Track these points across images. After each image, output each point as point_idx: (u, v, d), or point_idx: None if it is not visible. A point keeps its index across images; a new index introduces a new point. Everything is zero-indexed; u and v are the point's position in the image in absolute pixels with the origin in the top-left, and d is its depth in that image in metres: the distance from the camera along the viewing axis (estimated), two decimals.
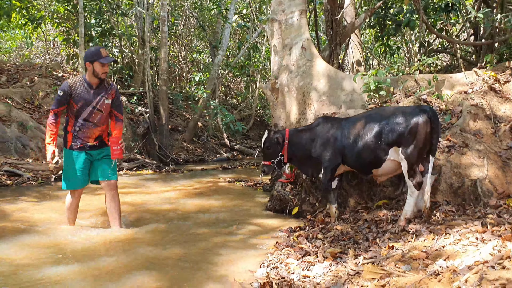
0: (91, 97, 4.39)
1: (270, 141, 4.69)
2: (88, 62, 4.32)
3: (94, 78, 4.37)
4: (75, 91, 4.33)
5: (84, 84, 4.38)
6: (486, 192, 4.11)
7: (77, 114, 4.39)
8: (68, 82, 4.37)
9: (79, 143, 4.47)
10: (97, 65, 4.29)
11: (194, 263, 3.63)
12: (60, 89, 4.33)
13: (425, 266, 2.81)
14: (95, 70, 4.32)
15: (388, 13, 9.30)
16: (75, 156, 4.48)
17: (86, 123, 4.43)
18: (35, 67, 12.49)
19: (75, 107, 4.35)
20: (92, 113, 4.42)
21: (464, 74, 5.48)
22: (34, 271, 3.41)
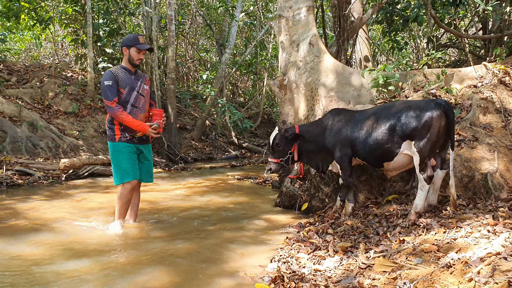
0: (133, 82, 4.43)
1: (280, 138, 4.63)
2: (125, 47, 4.40)
3: (129, 64, 4.44)
4: (120, 77, 4.35)
5: (124, 70, 4.42)
6: (496, 186, 4.09)
7: (125, 100, 4.37)
8: (111, 70, 4.37)
9: (128, 134, 4.43)
10: (133, 50, 4.38)
11: (205, 258, 3.65)
12: (106, 80, 4.29)
13: (436, 259, 2.80)
14: (131, 56, 4.39)
15: (395, 8, 9.26)
16: (125, 147, 4.43)
17: (134, 109, 4.41)
18: (44, 67, 12.59)
19: (122, 92, 4.34)
20: (138, 98, 4.45)
21: (474, 68, 5.44)
22: (48, 267, 3.46)
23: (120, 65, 4.48)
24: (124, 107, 4.36)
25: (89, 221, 4.95)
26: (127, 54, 4.41)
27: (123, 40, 4.46)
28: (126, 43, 4.39)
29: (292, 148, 4.63)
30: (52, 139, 9.56)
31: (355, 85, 5.79)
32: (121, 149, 4.41)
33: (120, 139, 4.41)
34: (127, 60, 4.44)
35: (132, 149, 4.46)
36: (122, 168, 4.41)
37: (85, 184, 7.86)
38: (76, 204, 5.89)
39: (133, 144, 4.47)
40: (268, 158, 4.76)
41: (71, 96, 11.20)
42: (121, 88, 4.34)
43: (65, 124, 10.40)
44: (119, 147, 4.41)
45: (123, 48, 4.42)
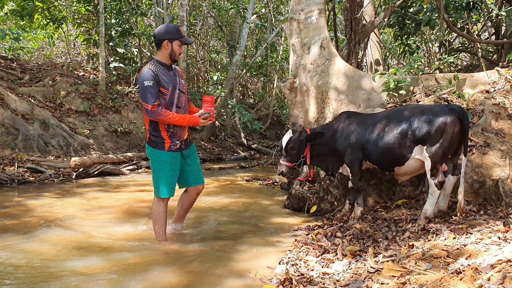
0: (173, 79, 3.92)
1: (295, 141, 4.52)
2: (166, 40, 3.83)
3: (168, 59, 3.91)
4: (161, 76, 3.82)
5: (162, 66, 3.88)
6: (508, 192, 4.07)
7: (170, 102, 3.87)
8: (150, 68, 3.80)
9: (177, 141, 3.97)
10: (177, 43, 3.87)
11: (214, 258, 3.67)
12: (146, 80, 3.73)
13: (446, 265, 2.79)
14: (174, 50, 3.87)
15: (408, 12, 9.23)
16: (173, 158, 3.97)
17: (178, 111, 3.93)
18: (56, 66, 12.71)
19: (166, 93, 3.82)
20: (180, 97, 3.96)
21: (486, 73, 5.41)
22: (59, 263, 3.50)
23: (156, 60, 3.90)
24: (169, 109, 3.86)
25: (99, 219, 4.99)
26: (168, 48, 3.85)
27: (161, 31, 3.86)
28: (170, 35, 3.83)
29: (304, 152, 4.59)
30: (64, 137, 9.65)
31: (366, 89, 5.77)
32: (169, 160, 3.95)
33: (170, 149, 3.93)
34: (168, 55, 3.88)
35: (177, 160, 4.02)
36: (167, 182, 3.97)
37: (95, 182, 7.93)
38: (87, 202, 5.94)
39: (180, 152, 4.03)
40: (280, 160, 4.65)
41: (83, 95, 11.30)
42: (164, 89, 3.81)
43: (76, 123, 10.49)
44: (168, 157, 3.94)
45: (164, 41, 3.83)
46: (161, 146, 3.92)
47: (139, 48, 14.07)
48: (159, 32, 3.88)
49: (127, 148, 10.94)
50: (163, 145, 3.92)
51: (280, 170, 4.60)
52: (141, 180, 8.24)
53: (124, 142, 11.06)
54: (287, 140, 4.56)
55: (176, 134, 3.96)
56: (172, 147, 3.95)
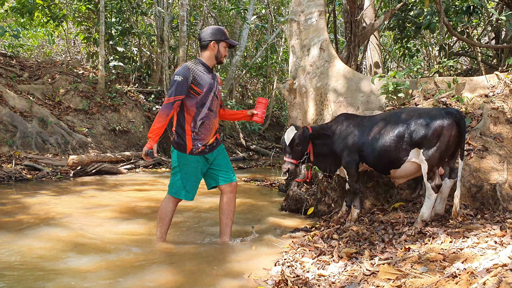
0: (211, 81, 3.85)
1: (300, 138, 4.42)
2: (213, 41, 3.80)
3: (214, 60, 3.88)
4: (199, 75, 3.76)
5: (203, 66, 3.84)
6: (505, 197, 4.06)
7: (202, 102, 3.80)
8: (188, 65, 3.76)
9: (200, 144, 3.86)
10: (223, 45, 3.85)
11: (210, 259, 3.66)
12: (177, 74, 3.69)
13: (442, 268, 2.79)
14: (220, 52, 3.86)
15: (408, 15, 9.24)
16: (195, 162, 3.89)
17: (210, 114, 3.86)
18: (56, 64, 12.70)
19: (199, 92, 3.76)
20: (213, 100, 3.88)
21: (485, 77, 5.41)
22: (54, 262, 3.49)
23: (199, 60, 3.87)
24: (199, 111, 3.80)
25: (96, 218, 4.98)
26: (214, 49, 3.83)
27: (208, 32, 3.84)
28: (217, 36, 3.81)
29: (308, 149, 4.54)
30: (62, 135, 9.64)
31: (365, 91, 5.77)
32: (190, 163, 3.87)
33: (191, 151, 3.85)
34: (213, 56, 3.85)
35: (200, 164, 3.92)
36: (183, 184, 3.90)
37: (93, 181, 7.91)
38: (84, 201, 5.93)
39: (203, 156, 3.92)
40: (284, 158, 4.52)
41: (82, 93, 11.29)
42: (199, 88, 3.76)
43: (75, 121, 10.48)
44: (189, 160, 3.86)
45: (211, 42, 3.80)
46: (182, 148, 3.85)
47: (139, 47, 14.07)
48: (205, 33, 3.87)
49: (125, 147, 10.93)
50: (184, 148, 3.85)
51: (286, 168, 4.46)
52: (139, 180, 8.24)
53: (122, 141, 11.05)
54: (291, 136, 4.42)
55: (200, 137, 3.86)
56: (194, 150, 3.85)
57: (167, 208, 4.01)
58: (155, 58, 13.77)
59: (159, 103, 12.96)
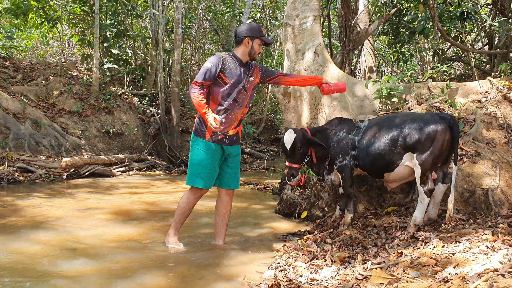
0: (241, 75, 3.90)
1: (301, 141, 4.36)
2: (248, 38, 3.86)
3: (247, 56, 3.93)
4: (228, 65, 3.84)
5: (235, 59, 3.91)
6: (497, 202, 4.09)
7: (228, 93, 3.85)
8: (220, 54, 3.89)
9: (220, 133, 3.89)
10: (257, 42, 3.90)
11: (203, 262, 3.65)
12: (209, 61, 3.82)
13: (434, 273, 2.80)
14: (254, 49, 3.90)
15: (402, 20, 9.29)
16: (213, 149, 3.90)
17: (234, 105, 3.88)
18: (50, 66, 12.65)
19: (227, 83, 3.83)
20: (240, 92, 3.91)
21: (478, 83, 5.45)
22: (46, 264, 3.47)
23: (233, 53, 3.95)
24: (224, 100, 3.84)
25: (89, 220, 4.95)
26: (248, 46, 3.88)
27: (244, 29, 3.91)
28: (252, 33, 3.87)
29: (309, 151, 4.50)
30: (55, 137, 9.59)
31: (359, 96, 5.79)
32: (207, 150, 3.89)
33: (210, 138, 3.88)
34: (247, 52, 3.91)
35: (218, 154, 3.94)
36: (198, 171, 3.89)
37: (86, 183, 7.88)
38: (76, 203, 5.90)
39: (221, 145, 3.94)
40: (286, 163, 4.47)
41: (76, 95, 11.25)
42: (227, 78, 3.82)
43: (69, 123, 10.43)
44: (206, 146, 3.89)
45: (246, 38, 3.86)
46: (202, 134, 3.90)
47: (133, 49, 14.04)
48: (241, 29, 3.94)
49: (118, 149, 10.89)
50: (204, 134, 3.89)
51: (290, 173, 4.41)
52: (132, 182, 8.21)
53: (116, 143, 11.01)
54: (292, 141, 4.34)
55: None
56: (214, 137, 3.88)
57: (187, 200, 4.00)
58: (149, 61, 13.75)
59: (154, 106, 12.93)
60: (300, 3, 6.39)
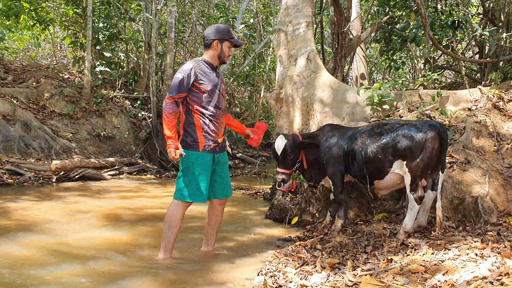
0: (216, 79, 3.78)
1: (291, 146, 4.37)
2: (217, 41, 3.74)
3: (217, 60, 3.82)
4: (202, 73, 3.70)
5: (206, 64, 3.78)
6: (486, 209, 4.11)
7: (208, 100, 3.72)
8: (190, 63, 3.72)
9: (212, 142, 3.75)
10: (227, 45, 3.79)
11: (192, 268, 3.63)
12: (179, 72, 3.65)
13: (423, 280, 2.80)
14: (223, 51, 3.79)
15: (394, 28, 9.36)
16: (208, 160, 3.74)
17: (217, 111, 3.77)
18: (41, 68, 12.57)
19: (205, 91, 3.69)
20: (219, 98, 3.81)
21: (469, 91, 5.50)
22: (34, 268, 3.43)
23: (203, 59, 3.81)
24: (206, 109, 3.72)
25: (78, 224, 4.91)
26: (218, 49, 3.77)
27: (212, 31, 3.77)
28: (220, 35, 3.74)
29: (300, 157, 4.51)
30: (45, 140, 9.52)
31: (350, 102, 5.82)
32: (203, 161, 3.72)
33: (204, 148, 3.72)
34: (216, 56, 3.79)
35: (211, 162, 3.79)
36: (197, 185, 3.71)
37: (76, 186, 7.82)
38: (66, 207, 5.85)
39: (213, 154, 3.80)
40: (277, 169, 4.46)
41: (67, 98, 11.18)
42: (203, 86, 3.68)
43: (59, 126, 10.36)
44: (202, 158, 3.72)
45: (214, 41, 3.74)
46: (195, 146, 3.71)
47: (126, 53, 14.00)
48: (209, 32, 3.79)
49: (109, 153, 10.83)
50: (197, 146, 3.71)
51: (281, 179, 4.40)
52: (123, 186, 8.16)
53: (106, 146, 10.94)
54: (282, 146, 4.36)
55: (211, 134, 3.76)
56: (207, 147, 3.74)
57: (177, 214, 3.78)
58: (142, 64, 13.72)
59: (145, 109, 12.88)
60: (293, 9, 6.42)
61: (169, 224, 3.77)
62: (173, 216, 3.77)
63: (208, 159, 3.75)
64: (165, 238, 3.79)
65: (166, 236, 3.78)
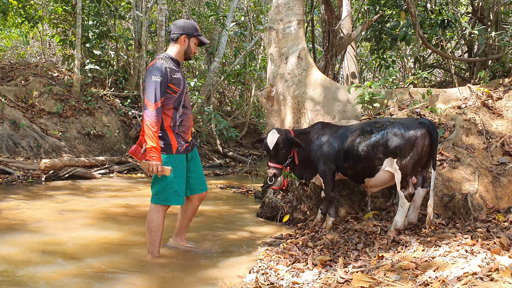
0: (182, 77, 3.67)
1: (284, 141, 4.38)
2: (185, 36, 3.61)
3: (183, 56, 3.69)
4: (172, 72, 3.56)
5: (173, 63, 3.63)
6: (476, 207, 4.15)
7: (179, 100, 3.62)
8: (162, 63, 3.52)
9: (184, 142, 3.69)
10: (194, 41, 3.68)
11: (184, 266, 3.62)
12: (155, 74, 3.42)
13: (414, 276, 2.82)
14: (190, 48, 3.68)
15: (384, 26, 9.40)
16: (182, 161, 3.67)
17: (185, 111, 3.70)
18: (30, 66, 12.45)
19: (176, 91, 3.58)
20: (186, 97, 3.74)
21: (458, 90, 5.54)
22: (23, 268, 3.40)
23: (168, 56, 3.64)
24: (177, 109, 3.62)
25: (68, 223, 4.87)
26: (185, 44, 3.65)
27: (180, 26, 3.63)
28: (188, 31, 3.61)
29: (291, 152, 4.52)
30: (34, 138, 9.43)
31: (341, 100, 5.84)
32: (178, 164, 3.63)
33: (178, 150, 3.63)
34: (183, 51, 3.67)
35: (185, 163, 3.73)
36: (174, 188, 3.63)
37: (65, 185, 7.75)
38: (55, 206, 5.80)
39: (186, 154, 3.74)
40: (269, 163, 4.48)
41: (56, 96, 11.08)
42: (175, 86, 3.56)
43: (48, 124, 10.26)
44: (176, 161, 3.62)
45: (182, 36, 3.61)
46: (168, 149, 3.59)
47: (116, 51, 13.91)
48: (177, 25, 3.65)
49: (99, 151, 10.75)
50: (170, 149, 3.59)
51: (272, 173, 4.41)
52: (113, 185, 8.11)
53: (96, 145, 10.87)
54: (274, 141, 4.36)
55: (182, 134, 3.68)
56: (180, 148, 3.65)
57: (158, 219, 3.70)
58: (132, 63, 13.64)
59: (135, 108, 12.81)
60: (284, 7, 6.42)
61: (151, 229, 3.72)
62: (154, 221, 3.71)
63: (182, 160, 3.69)
64: (150, 243, 3.75)
65: (150, 240, 3.74)
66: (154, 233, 3.71)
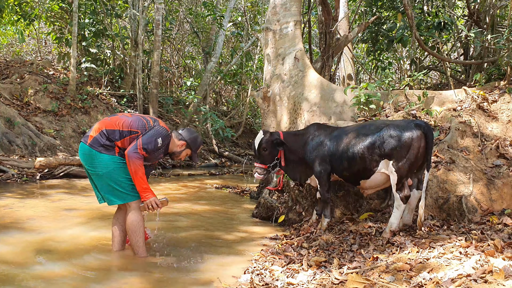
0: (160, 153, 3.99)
1: (267, 142, 4.46)
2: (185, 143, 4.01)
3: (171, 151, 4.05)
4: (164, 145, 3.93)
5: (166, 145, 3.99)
6: (470, 209, 4.16)
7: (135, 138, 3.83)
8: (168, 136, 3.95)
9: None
10: (187, 152, 4.08)
11: (178, 266, 3.61)
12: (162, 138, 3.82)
13: (409, 278, 2.83)
14: (180, 154, 4.08)
15: (381, 28, 9.43)
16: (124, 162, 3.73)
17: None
18: (25, 63, 12.40)
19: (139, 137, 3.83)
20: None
21: (454, 92, 5.56)
22: (18, 267, 3.38)
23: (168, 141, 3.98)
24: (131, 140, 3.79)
25: (62, 222, 4.85)
26: (180, 148, 4.03)
27: (189, 134, 4.04)
28: (191, 144, 4.03)
29: (278, 154, 4.55)
30: (29, 136, 9.39)
31: (338, 102, 5.85)
32: (119, 163, 3.71)
33: (119, 153, 3.73)
34: (173, 149, 4.04)
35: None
36: (132, 185, 3.71)
37: (60, 184, 7.73)
38: (50, 204, 5.77)
39: None
40: (254, 163, 4.58)
41: (52, 94, 11.04)
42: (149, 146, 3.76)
43: (44, 123, 10.22)
44: (120, 159, 3.72)
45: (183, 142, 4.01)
46: (112, 150, 3.70)
47: (112, 50, 13.89)
48: (188, 132, 4.06)
49: None
50: (113, 149, 3.71)
51: (255, 172, 4.58)
52: None
53: None
54: (258, 141, 4.49)
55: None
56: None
57: (137, 218, 3.74)
58: (128, 61, 13.62)
59: (131, 107, 12.79)
60: (281, 8, 6.43)
61: (133, 230, 3.75)
62: (134, 221, 3.74)
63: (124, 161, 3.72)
64: (135, 244, 3.77)
65: (134, 241, 3.77)
66: (136, 233, 3.75)
